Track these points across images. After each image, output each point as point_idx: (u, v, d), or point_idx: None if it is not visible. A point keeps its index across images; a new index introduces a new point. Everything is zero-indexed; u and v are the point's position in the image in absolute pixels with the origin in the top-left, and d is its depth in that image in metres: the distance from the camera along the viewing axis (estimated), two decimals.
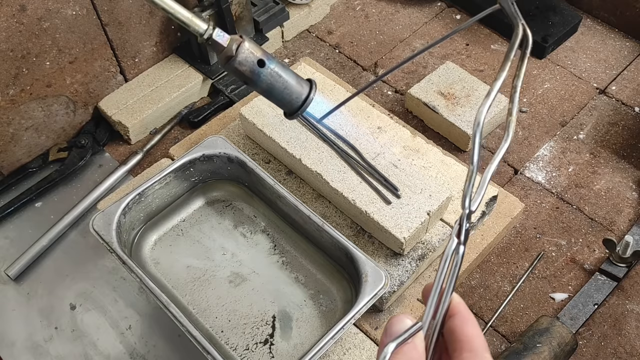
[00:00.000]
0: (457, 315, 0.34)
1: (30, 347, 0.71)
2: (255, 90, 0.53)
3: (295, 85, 0.53)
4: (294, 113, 0.54)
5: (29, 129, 0.83)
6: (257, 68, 0.51)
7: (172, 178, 0.73)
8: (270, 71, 0.51)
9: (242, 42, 0.51)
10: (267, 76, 0.51)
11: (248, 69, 0.51)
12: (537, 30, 0.98)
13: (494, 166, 0.36)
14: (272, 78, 0.52)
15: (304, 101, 0.53)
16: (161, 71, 0.93)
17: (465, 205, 0.34)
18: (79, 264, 0.77)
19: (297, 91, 0.53)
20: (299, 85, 0.53)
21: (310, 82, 0.54)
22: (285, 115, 0.56)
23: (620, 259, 0.73)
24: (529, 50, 0.40)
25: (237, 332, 0.67)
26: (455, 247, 0.34)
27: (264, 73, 0.51)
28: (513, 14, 0.41)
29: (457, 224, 0.34)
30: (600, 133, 0.88)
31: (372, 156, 0.72)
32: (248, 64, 0.51)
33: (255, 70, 0.51)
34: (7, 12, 0.72)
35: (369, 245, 0.70)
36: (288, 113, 0.55)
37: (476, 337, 0.33)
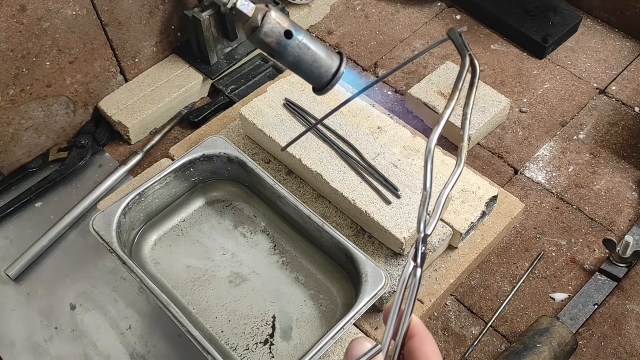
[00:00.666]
0: (415, 336, 0.35)
1: (30, 347, 0.71)
2: (282, 64, 0.50)
3: (324, 58, 0.49)
4: (323, 88, 0.51)
5: (29, 129, 0.83)
6: (284, 39, 0.47)
7: (172, 178, 0.73)
8: (298, 43, 0.48)
9: (268, 12, 0.47)
10: (294, 48, 0.48)
11: (274, 41, 0.47)
12: (537, 30, 0.98)
13: (448, 190, 0.37)
14: (300, 50, 0.48)
15: (333, 75, 0.50)
16: (161, 71, 0.93)
17: (420, 229, 0.35)
18: (79, 264, 0.77)
19: (327, 64, 0.50)
20: (329, 58, 0.50)
21: (340, 55, 0.51)
22: (314, 91, 0.52)
23: (620, 259, 0.73)
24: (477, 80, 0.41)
25: (237, 332, 0.67)
26: (412, 270, 0.34)
27: (292, 45, 0.48)
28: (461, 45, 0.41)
29: (413, 248, 0.35)
30: (600, 133, 0.88)
31: (372, 156, 0.72)
32: (274, 35, 0.47)
33: (282, 42, 0.48)
34: (7, 12, 0.72)
35: (369, 245, 0.70)
36: (317, 88, 0.51)
37: (433, 356, 0.34)
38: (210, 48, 0.91)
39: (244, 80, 0.95)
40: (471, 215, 0.71)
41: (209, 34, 0.89)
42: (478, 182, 0.74)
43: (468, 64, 0.40)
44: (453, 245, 0.73)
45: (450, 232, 0.71)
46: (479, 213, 0.72)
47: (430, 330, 0.73)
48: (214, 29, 0.89)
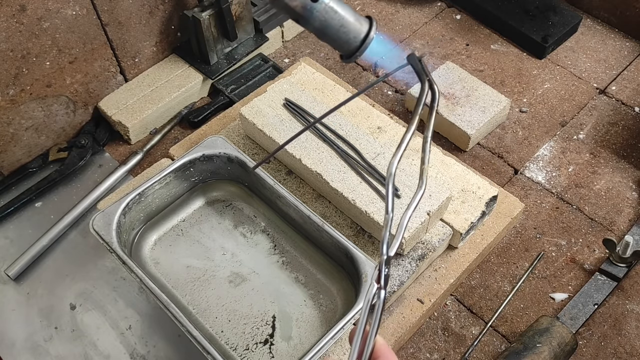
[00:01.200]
0: (381, 357, 0.36)
1: (30, 347, 0.71)
2: (307, 29, 0.47)
3: (353, 23, 0.47)
4: (352, 54, 0.48)
5: (29, 129, 0.83)
6: (310, 3, 0.45)
7: (172, 178, 0.73)
8: (324, 6, 0.45)
9: None
10: (321, 12, 0.45)
11: (299, 4, 0.45)
12: (537, 30, 0.98)
13: (410, 213, 0.38)
14: (326, 14, 0.45)
15: (362, 40, 0.47)
16: (161, 71, 0.93)
17: (383, 252, 0.35)
18: (79, 264, 0.77)
19: (356, 29, 0.47)
20: (358, 22, 0.47)
21: (370, 20, 0.48)
22: (341, 58, 0.50)
23: (620, 259, 0.73)
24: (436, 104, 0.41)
25: (237, 332, 0.67)
26: (375, 292, 0.35)
27: (318, 9, 0.45)
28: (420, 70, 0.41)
29: (377, 269, 0.35)
30: (600, 133, 0.88)
31: (372, 156, 0.73)
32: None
33: (307, 6, 0.45)
34: (7, 12, 0.72)
35: (369, 245, 0.70)
36: (345, 55, 0.49)
37: None
38: (210, 48, 0.91)
39: (244, 80, 0.95)
40: (471, 215, 0.71)
41: (209, 34, 0.89)
42: (478, 182, 0.74)
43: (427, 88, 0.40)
44: (453, 245, 0.73)
45: (450, 232, 0.71)
46: (479, 213, 0.72)
47: (430, 330, 0.74)
48: (214, 29, 0.89)
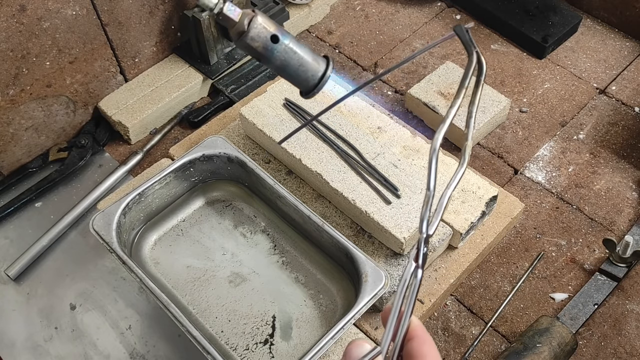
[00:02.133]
0: (415, 338, 0.35)
1: (30, 347, 0.71)
2: (269, 68, 0.50)
3: (311, 62, 0.50)
4: (310, 91, 0.51)
5: (29, 129, 0.83)
6: (271, 44, 0.48)
7: (172, 178, 0.73)
8: (284, 47, 0.48)
9: (255, 17, 0.48)
10: (281, 52, 0.48)
11: (261, 45, 0.48)
12: (537, 30, 0.98)
13: (450, 191, 0.37)
14: (286, 54, 0.48)
15: (320, 78, 0.50)
16: (161, 71, 0.93)
17: (423, 230, 0.35)
18: (79, 264, 0.77)
19: (313, 68, 0.50)
20: (315, 62, 0.50)
21: (327, 59, 0.51)
22: (301, 95, 0.52)
23: (620, 259, 0.73)
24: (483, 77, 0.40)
25: (237, 332, 0.67)
26: (413, 271, 0.34)
27: (278, 49, 0.48)
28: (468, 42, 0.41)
29: (415, 248, 0.35)
30: (600, 133, 0.88)
31: (372, 156, 0.72)
32: (261, 40, 0.48)
33: (268, 47, 0.48)
34: (7, 12, 0.72)
35: (369, 245, 0.70)
36: (304, 92, 0.52)
37: (432, 358, 0.34)
38: (210, 48, 0.91)
39: (244, 80, 0.95)
40: (471, 215, 0.71)
41: (209, 34, 0.89)
42: (478, 182, 0.74)
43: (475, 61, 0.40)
44: (453, 245, 0.73)
45: (450, 232, 0.71)
46: (479, 213, 0.72)
47: (430, 331, 0.73)
48: (214, 29, 0.89)
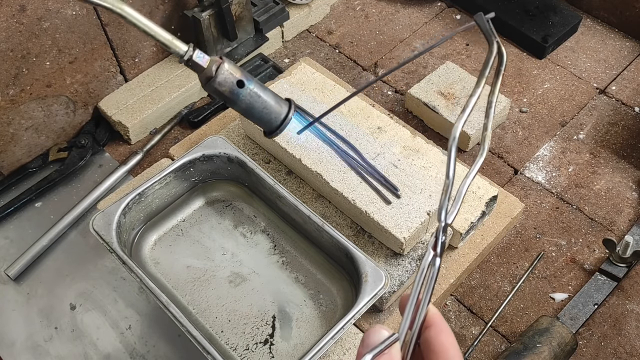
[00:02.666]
0: (432, 326, 0.35)
1: (30, 347, 0.71)
2: (235, 110, 0.55)
3: (274, 105, 0.54)
4: (273, 132, 0.56)
5: (29, 129, 0.83)
6: (237, 89, 0.52)
7: (172, 178, 0.73)
8: (249, 92, 0.52)
9: (222, 64, 0.52)
10: (246, 97, 0.53)
11: (227, 90, 0.52)
12: (537, 30, 0.98)
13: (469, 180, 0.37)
14: (251, 98, 0.53)
15: (282, 121, 0.55)
16: (161, 71, 0.93)
17: (442, 218, 0.35)
18: (79, 264, 0.77)
19: (276, 111, 0.54)
20: (278, 105, 0.55)
21: (289, 102, 0.56)
22: (265, 134, 0.57)
23: (620, 259, 0.73)
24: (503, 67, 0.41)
25: (237, 332, 0.67)
26: (431, 260, 0.34)
27: (243, 94, 0.52)
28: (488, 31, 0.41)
29: (433, 237, 0.35)
30: (600, 133, 0.88)
31: (372, 156, 0.72)
32: (227, 85, 0.52)
33: (234, 91, 0.52)
34: (7, 12, 0.72)
35: (369, 245, 0.70)
36: (267, 132, 0.56)
37: (451, 347, 0.34)
38: (210, 48, 0.91)
39: None
40: (471, 215, 0.71)
41: (209, 34, 0.89)
42: (478, 182, 0.74)
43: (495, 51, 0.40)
44: (453, 245, 0.73)
45: (450, 232, 0.71)
46: (479, 213, 0.72)
47: None
48: (214, 29, 0.89)
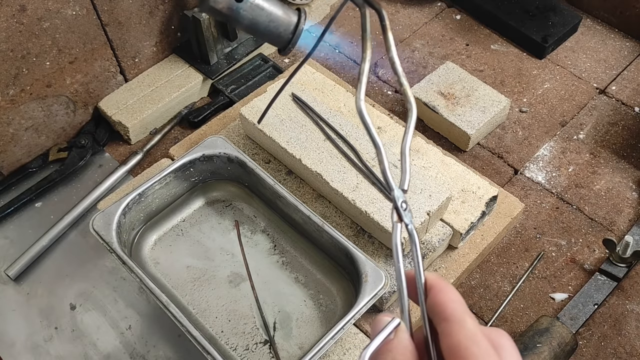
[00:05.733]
0: (431, 290, 0.33)
1: (30, 347, 0.71)
2: (240, 29, 0.50)
3: (282, 16, 0.49)
4: (286, 46, 0.50)
5: (29, 129, 0.83)
6: (235, 3, 0.47)
7: (172, 178, 0.73)
8: (250, 5, 0.47)
9: None
10: (247, 11, 0.47)
11: (225, 6, 0.47)
12: (537, 30, 0.98)
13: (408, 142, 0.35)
14: (253, 12, 0.48)
15: (293, 32, 0.49)
16: (161, 71, 0.93)
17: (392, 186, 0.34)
18: (79, 264, 0.77)
19: (285, 22, 0.49)
20: (286, 15, 0.49)
21: (299, 11, 0.50)
22: (279, 52, 0.51)
23: (620, 259, 0.73)
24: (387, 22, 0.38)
25: (237, 332, 0.67)
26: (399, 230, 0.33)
27: (244, 7, 0.47)
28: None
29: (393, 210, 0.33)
30: (600, 133, 0.88)
31: (372, 156, 0.72)
32: (224, 1, 0.47)
33: (233, 7, 0.47)
34: (7, 12, 0.72)
35: (369, 245, 0.70)
36: (280, 48, 0.51)
37: (449, 302, 0.31)
38: (210, 48, 0.91)
39: (244, 80, 0.95)
40: (471, 215, 0.71)
41: (209, 34, 0.89)
42: (478, 182, 0.74)
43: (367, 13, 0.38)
44: (453, 245, 0.73)
45: (450, 232, 0.71)
46: (479, 213, 0.72)
47: None
48: (214, 29, 0.89)
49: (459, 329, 0.30)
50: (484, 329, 0.31)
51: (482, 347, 0.29)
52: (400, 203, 0.33)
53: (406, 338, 0.31)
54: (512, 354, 0.31)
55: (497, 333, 0.31)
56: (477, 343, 0.29)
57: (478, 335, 0.30)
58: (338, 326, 0.59)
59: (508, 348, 0.31)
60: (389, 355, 0.31)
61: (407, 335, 0.32)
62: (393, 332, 0.31)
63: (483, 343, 0.29)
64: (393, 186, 0.33)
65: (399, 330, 0.32)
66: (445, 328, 0.31)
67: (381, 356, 0.31)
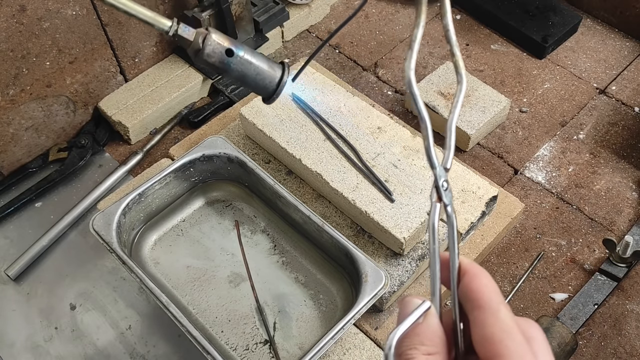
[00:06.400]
0: (465, 275, 0.31)
1: (30, 347, 0.71)
2: (229, 79, 0.54)
3: (267, 70, 0.54)
4: (270, 97, 0.55)
5: (29, 129, 0.83)
6: (226, 58, 0.52)
7: (172, 178, 0.73)
8: (240, 59, 0.52)
9: (208, 34, 0.51)
10: (237, 65, 0.52)
11: (217, 60, 0.52)
12: (537, 30, 0.98)
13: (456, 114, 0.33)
14: (242, 66, 0.52)
15: (277, 84, 0.54)
16: (161, 71, 0.93)
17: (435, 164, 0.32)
18: (79, 264, 0.77)
19: (270, 76, 0.54)
20: (271, 69, 0.54)
21: (282, 65, 0.55)
22: (263, 101, 0.56)
23: (620, 259, 0.73)
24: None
25: (237, 332, 0.67)
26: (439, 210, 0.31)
27: (234, 62, 0.52)
28: None
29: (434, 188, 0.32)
30: (600, 133, 0.88)
31: (372, 156, 0.72)
32: (217, 55, 0.51)
33: (224, 60, 0.52)
34: (7, 12, 0.72)
35: (369, 245, 0.70)
36: (265, 98, 0.56)
37: (484, 289, 0.30)
38: None
39: None
40: (471, 215, 0.71)
41: None
42: (478, 182, 0.74)
43: None
44: None
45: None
46: (479, 213, 0.72)
47: None
48: None
49: (494, 320, 0.29)
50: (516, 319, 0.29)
51: (516, 340, 0.28)
52: (442, 182, 0.32)
53: (436, 323, 0.30)
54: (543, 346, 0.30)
55: (527, 323, 0.30)
56: (511, 336, 0.28)
57: (514, 328, 0.29)
58: (338, 326, 0.59)
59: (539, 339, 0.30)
60: (417, 339, 0.29)
61: (436, 319, 0.30)
62: (422, 315, 0.30)
63: (518, 337, 0.28)
64: (435, 164, 0.32)
65: (429, 314, 0.30)
66: (479, 317, 0.29)
67: (408, 340, 0.29)
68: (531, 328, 0.30)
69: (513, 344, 0.28)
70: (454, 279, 0.31)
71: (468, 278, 0.31)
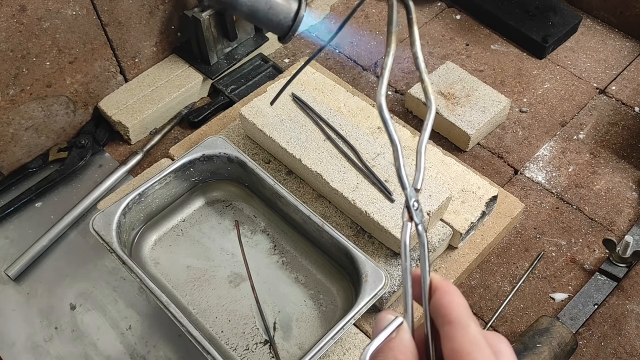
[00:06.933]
0: (436, 291, 0.33)
1: (30, 347, 0.71)
2: (240, 17, 0.48)
3: (281, 3, 0.47)
4: (286, 34, 0.49)
5: (29, 129, 0.83)
6: None
7: (172, 178, 0.73)
8: None
9: None
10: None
11: None
12: (537, 30, 0.98)
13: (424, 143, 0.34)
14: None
15: (293, 19, 0.48)
16: (161, 71, 0.93)
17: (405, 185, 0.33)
18: (79, 264, 0.77)
19: (285, 9, 0.48)
20: (286, 1, 0.48)
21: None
22: (278, 40, 0.50)
23: (620, 259, 0.73)
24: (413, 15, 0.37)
25: (237, 332, 0.67)
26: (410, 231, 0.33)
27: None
28: None
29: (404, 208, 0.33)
30: (600, 133, 0.88)
31: (372, 156, 0.73)
32: None
33: None
34: (7, 12, 0.72)
35: (369, 245, 0.70)
36: (280, 36, 0.49)
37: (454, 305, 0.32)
38: (210, 48, 0.91)
39: (244, 80, 0.95)
40: (471, 215, 0.71)
41: (209, 34, 0.89)
42: (478, 182, 0.74)
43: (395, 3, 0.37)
44: (453, 245, 0.73)
45: (450, 232, 0.71)
46: (479, 213, 0.72)
47: None
48: (214, 29, 0.89)
49: (463, 333, 0.30)
50: (485, 334, 0.31)
51: (484, 353, 0.30)
52: (412, 202, 0.33)
53: (408, 338, 0.32)
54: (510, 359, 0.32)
55: (497, 339, 0.32)
56: (479, 349, 0.30)
57: (481, 341, 0.30)
58: (338, 326, 0.59)
59: (507, 354, 0.32)
60: (390, 353, 0.31)
61: (408, 334, 0.32)
62: (395, 330, 0.32)
63: (485, 350, 0.30)
64: (406, 185, 0.33)
65: (401, 330, 0.32)
66: (449, 331, 0.31)
67: (382, 354, 0.31)
68: (500, 343, 0.32)
69: (481, 357, 0.30)
70: (426, 295, 0.33)
71: (439, 294, 0.32)
